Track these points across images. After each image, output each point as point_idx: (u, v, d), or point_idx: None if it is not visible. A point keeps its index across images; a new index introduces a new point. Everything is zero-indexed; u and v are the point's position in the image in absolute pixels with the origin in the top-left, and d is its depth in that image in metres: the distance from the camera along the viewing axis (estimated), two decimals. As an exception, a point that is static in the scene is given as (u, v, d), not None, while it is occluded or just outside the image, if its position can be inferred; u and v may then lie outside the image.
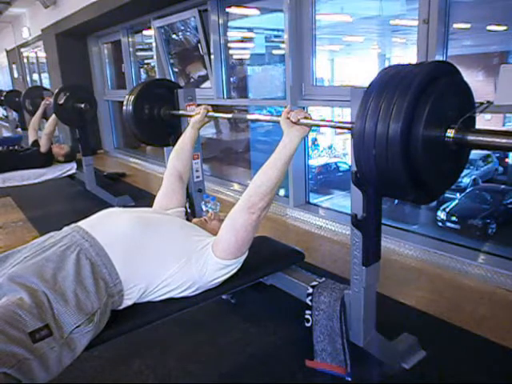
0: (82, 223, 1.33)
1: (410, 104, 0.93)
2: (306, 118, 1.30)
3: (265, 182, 1.28)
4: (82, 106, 3.36)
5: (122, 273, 1.22)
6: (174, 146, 1.83)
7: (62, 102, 3.36)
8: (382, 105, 0.95)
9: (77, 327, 1.08)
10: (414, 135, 0.94)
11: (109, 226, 1.34)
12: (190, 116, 1.89)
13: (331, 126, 1.34)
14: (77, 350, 1.08)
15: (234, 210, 1.32)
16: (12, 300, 1.04)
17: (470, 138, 1.00)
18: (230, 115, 1.92)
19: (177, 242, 1.34)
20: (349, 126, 1.18)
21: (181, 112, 2.10)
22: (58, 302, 1.08)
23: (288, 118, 1.31)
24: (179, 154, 1.76)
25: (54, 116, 3.54)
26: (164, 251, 1.30)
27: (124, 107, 2.16)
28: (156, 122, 2.19)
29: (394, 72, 1.00)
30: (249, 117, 1.65)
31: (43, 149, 3.57)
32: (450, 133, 1.00)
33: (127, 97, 2.16)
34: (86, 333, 1.10)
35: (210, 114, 1.81)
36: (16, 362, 0.96)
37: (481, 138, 0.99)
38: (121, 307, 1.26)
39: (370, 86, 1.02)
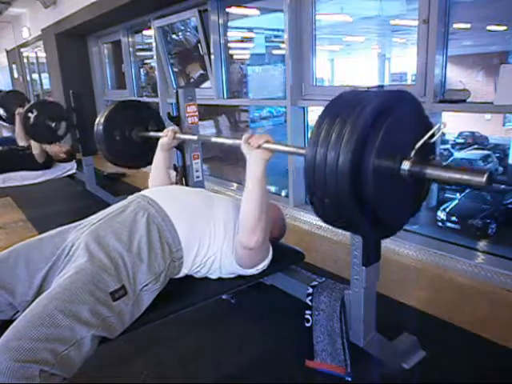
0: (145, 191, 1.45)
1: (362, 133, 0.86)
2: (268, 141, 1.29)
3: (250, 218, 1.30)
4: (53, 125, 3.34)
5: (183, 240, 1.31)
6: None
7: (31, 121, 3.33)
8: (334, 132, 0.88)
9: (145, 285, 1.20)
10: (365, 166, 0.87)
11: (173, 196, 1.45)
12: (158, 138, 1.89)
13: (288, 152, 1.32)
14: (143, 306, 1.21)
15: (236, 242, 1.36)
16: (94, 262, 1.14)
17: (429, 171, 0.92)
18: (195, 137, 1.95)
19: (229, 222, 1.41)
20: (303, 151, 1.13)
21: (151, 134, 2.14)
22: (133, 261, 1.20)
23: (249, 143, 1.31)
24: (155, 177, 1.80)
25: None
26: (217, 227, 1.38)
27: (94, 131, 2.16)
28: (129, 144, 2.19)
29: (349, 98, 0.95)
30: (213, 139, 1.69)
31: (40, 161, 3.55)
32: (406, 165, 0.93)
33: (97, 120, 2.16)
34: (152, 291, 1.22)
35: (177, 135, 1.84)
36: (101, 322, 1.06)
37: (440, 173, 0.91)
38: (178, 276, 1.36)
39: (324, 110, 0.95)
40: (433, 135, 0.95)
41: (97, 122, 2.16)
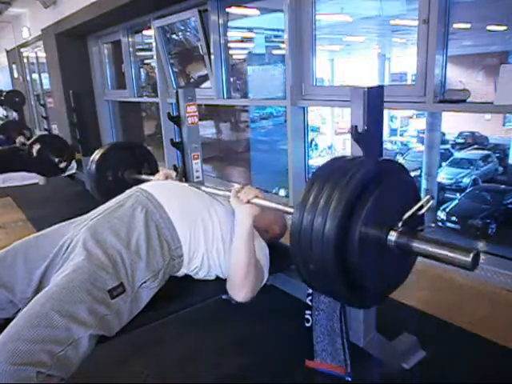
0: (144, 185, 1.43)
1: (349, 200, 0.86)
2: (257, 197, 1.29)
3: (238, 272, 1.29)
4: (56, 160, 3.30)
5: (182, 238, 1.30)
6: None
7: (35, 154, 3.30)
8: (322, 198, 0.88)
9: (144, 283, 1.19)
10: (351, 234, 0.86)
11: (172, 192, 1.44)
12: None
13: (276, 209, 1.28)
14: (142, 303, 1.20)
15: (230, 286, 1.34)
16: (92, 260, 1.13)
17: (415, 244, 0.90)
18: (186, 184, 1.94)
19: (226, 225, 1.39)
20: (290, 211, 1.11)
21: (143, 177, 2.15)
22: (132, 258, 1.19)
23: (238, 197, 1.31)
24: None
25: None
26: (216, 226, 1.37)
27: (87, 169, 2.17)
28: (120, 184, 2.17)
29: (339, 165, 0.95)
30: (203, 188, 1.59)
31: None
32: (393, 235, 0.92)
33: (91, 158, 2.17)
34: (151, 289, 1.22)
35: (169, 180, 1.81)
36: (98, 321, 1.06)
37: (426, 248, 0.90)
38: (178, 274, 1.36)
39: (313, 175, 0.96)
40: (421, 207, 0.94)
41: (91, 159, 2.17)
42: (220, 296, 1.52)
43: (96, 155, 2.16)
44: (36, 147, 3.31)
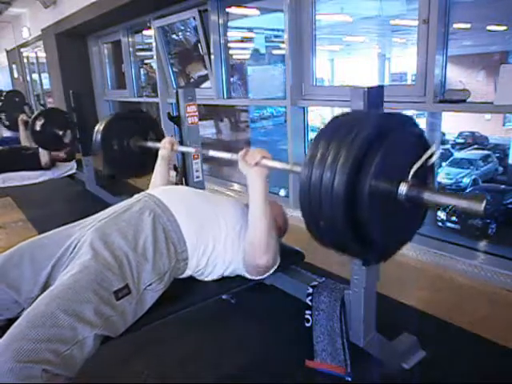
0: (152, 191, 1.45)
1: (358, 154, 0.84)
2: (264, 157, 1.28)
3: (261, 237, 1.30)
4: (60, 133, 3.35)
5: (188, 241, 1.31)
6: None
7: (38, 128, 3.34)
8: (330, 153, 0.87)
9: (149, 285, 1.20)
10: (361, 189, 0.85)
11: (179, 196, 1.45)
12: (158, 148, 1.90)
13: (284, 170, 1.29)
14: (146, 306, 1.21)
15: (247, 261, 1.36)
16: (98, 259, 1.14)
17: (426, 196, 0.90)
18: (193, 149, 1.99)
19: (233, 226, 1.40)
20: (298, 170, 1.10)
21: (149, 144, 2.14)
22: (138, 260, 1.20)
23: (246, 161, 1.31)
24: (155, 186, 1.79)
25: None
26: (223, 228, 1.38)
27: (93, 140, 2.16)
28: (127, 154, 2.19)
29: (347, 119, 0.94)
30: (211, 153, 1.69)
31: (45, 166, 3.57)
32: (403, 188, 0.91)
33: (96, 128, 2.16)
34: (156, 291, 1.22)
35: (175, 148, 1.86)
36: (103, 321, 1.06)
37: (438, 198, 0.89)
38: (182, 276, 1.36)
39: (320, 131, 0.94)
40: (430, 157, 0.94)
41: (96, 130, 2.16)
42: (220, 296, 1.52)
43: (100, 126, 2.14)
44: (39, 122, 3.33)
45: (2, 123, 4.73)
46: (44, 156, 3.54)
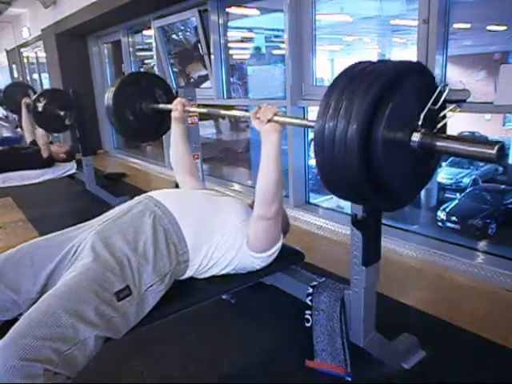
0: (152, 193, 1.44)
1: (371, 104, 0.84)
2: (276, 114, 1.26)
3: (264, 190, 1.29)
4: (62, 113, 3.33)
5: (189, 242, 1.31)
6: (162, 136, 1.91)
7: (40, 109, 3.32)
8: (343, 104, 0.87)
9: (150, 286, 1.20)
10: (374, 138, 0.86)
11: (179, 198, 1.46)
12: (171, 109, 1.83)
13: (298, 125, 1.31)
14: (148, 307, 1.20)
15: (251, 217, 1.37)
16: (99, 261, 1.15)
17: (439, 143, 0.90)
18: (205, 110, 1.92)
19: (235, 224, 1.40)
20: (312, 124, 1.10)
21: (160, 106, 2.08)
22: (139, 261, 1.20)
23: (258, 118, 1.28)
24: (176, 152, 1.76)
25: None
26: (224, 229, 1.38)
27: (105, 105, 2.11)
28: (140, 117, 2.13)
29: (358, 69, 0.92)
30: (222, 112, 1.69)
31: (45, 155, 3.55)
32: (416, 137, 0.92)
33: (106, 94, 2.11)
34: (157, 292, 1.22)
35: (186, 108, 1.77)
36: (105, 322, 1.06)
37: (450, 145, 0.90)
38: (183, 277, 1.36)
39: (332, 82, 0.93)
40: (437, 101, 0.93)
41: (106, 97, 2.10)
42: (220, 296, 1.52)
43: (109, 93, 2.09)
44: (41, 104, 3.32)
45: (7, 105, 4.70)
46: (42, 139, 3.51)
